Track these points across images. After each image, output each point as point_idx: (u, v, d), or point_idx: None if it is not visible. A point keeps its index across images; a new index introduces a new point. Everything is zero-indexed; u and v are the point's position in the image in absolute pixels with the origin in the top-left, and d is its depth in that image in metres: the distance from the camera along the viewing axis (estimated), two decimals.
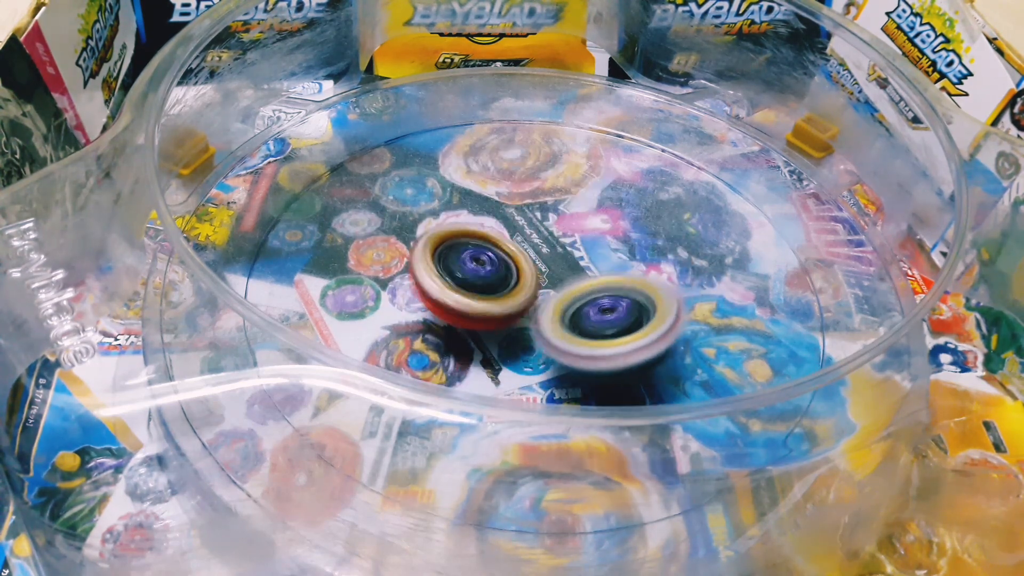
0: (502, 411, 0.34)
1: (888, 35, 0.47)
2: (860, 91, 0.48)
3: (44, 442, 0.35)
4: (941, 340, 0.42)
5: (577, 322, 0.37)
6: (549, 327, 0.36)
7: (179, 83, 0.39)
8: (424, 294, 0.37)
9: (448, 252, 0.38)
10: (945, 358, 0.41)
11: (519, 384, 0.38)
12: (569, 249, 0.44)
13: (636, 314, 0.36)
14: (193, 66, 0.40)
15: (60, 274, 0.33)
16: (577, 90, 0.53)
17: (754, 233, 0.45)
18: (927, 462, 0.36)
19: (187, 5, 0.49)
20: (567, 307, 0.38)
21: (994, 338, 0.41)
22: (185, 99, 0.44)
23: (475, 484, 0.35)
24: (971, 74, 0.43)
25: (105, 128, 0.45)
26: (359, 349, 0.39)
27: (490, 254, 0.39)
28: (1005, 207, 0.39)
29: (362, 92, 0.51)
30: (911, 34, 0.46)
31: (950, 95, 0.44)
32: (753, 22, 0.50)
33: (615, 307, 0.37)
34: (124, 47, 0.48)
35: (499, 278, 0.38)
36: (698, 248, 0.44)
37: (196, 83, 0.44)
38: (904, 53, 0.46)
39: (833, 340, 0.41)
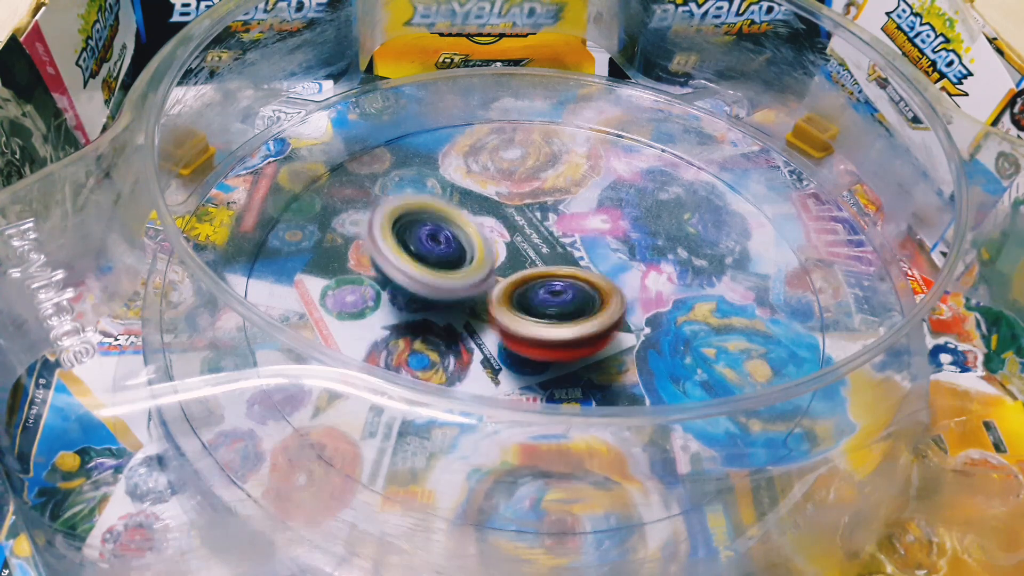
0: (502, 411, 0.34)
1: (888, 35, 0.47)
2: (860, 91, 0.48)
3: (44, 442, 0.35)
4: (941, 340, 0.42)
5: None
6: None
7: (179, 83, 0.39)
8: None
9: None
10: (945, 358, 0.41)
11: (519, 384, 0.38)
12: (569, 249, 0.44)
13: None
14: (193, 66, 0.40)
15: (60, 274, 0.33)
16: (577, 90, 0.53)
17: (754, 233, 0.45)
18: (927, 462, 0.36)
19: (187, 5, 0.49)
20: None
21: (994, 338, 0.41)
22: (185, 99, 0.44)
23: (475, 484, 0.35)
24: (971, 74, 0.43)
25: (105, 128, 0.45)
26: (359, 349, 0.39)
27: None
28: (1005, 207, 0.39)
29: (362, 92, 0.51)
30: (911, 34, 0.46)
31: (950, 95, 0.44)
32: (753, 22, 0.50)
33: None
34: (124, 47, 0.48)
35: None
36: (698, 248, 0.44)
37: (196, 83, 0.44)
38: (904, 53, 0.46)
39: (833, 340, 0.41)
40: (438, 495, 0.34)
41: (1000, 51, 0.42)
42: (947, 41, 0.44)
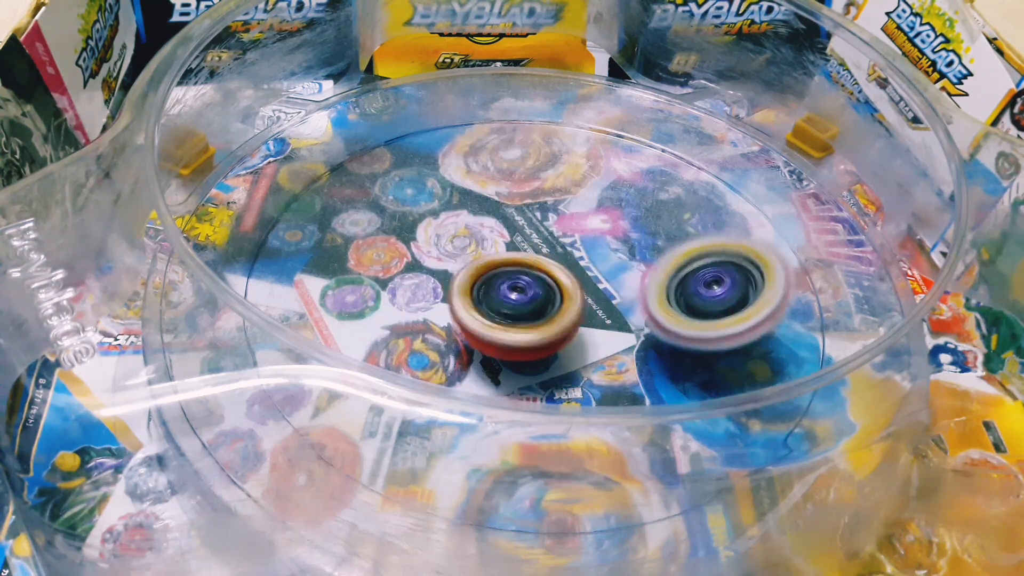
0: (502, 411, 0.34)
1: (888, 35, 0.47)
2: (860, 91, 0.48)
3: (44, 442, 0.35)
4: (941, 340, 0.42)
5: (685, 299, 0.37)
6: (658, 309, 0.37)
7: (179, 83, 0.39)
8: (470, 335, 0.37)
9: (486, 286, 0.38)
10: (945, 358, 0.41)
11: (519, 384, 0.38)
12: (569, 249, 0.44)
13: (744, 287, 0.37)
14: (193, 66, 0.40)
15: (60, 274, 0.33)
16: (577, 90, 0.53)
17: (754, 233, 0.45)
18: (927, 462, 0.36)
19: (187, 5, 0.49)
20: (671, 281, 0.38)
21: (994, 338, 0.41)
22: (185, 99, 0.44)
23: (475, 484, 0.35)
24: (971, 74, 0.43)
25: (105, 128, 0.45)
26: (359, 349, 0.39)
27: (526, 278, 0.38)
28: (1005, 207, 0.39)
29: (362, 92, 0.51)
30: (911, 34, 0.46)
31: (950, 95, 0.44)
32: (753, 22, 0.50)
33: (721, 279, 0.37)
34: (124, 47, 0.48)
35: (541, 302, 0.37)
36: None
37: (196, 83, 0.44)
38: (904, 53, 0.46)
39: (833, 340, 0.41)
40: (438, 495, 0.34)
41: (1000, 51, 0.42)
42: (947, 41, 0.44)
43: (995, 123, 0.42)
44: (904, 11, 0.47)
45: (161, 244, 0.41)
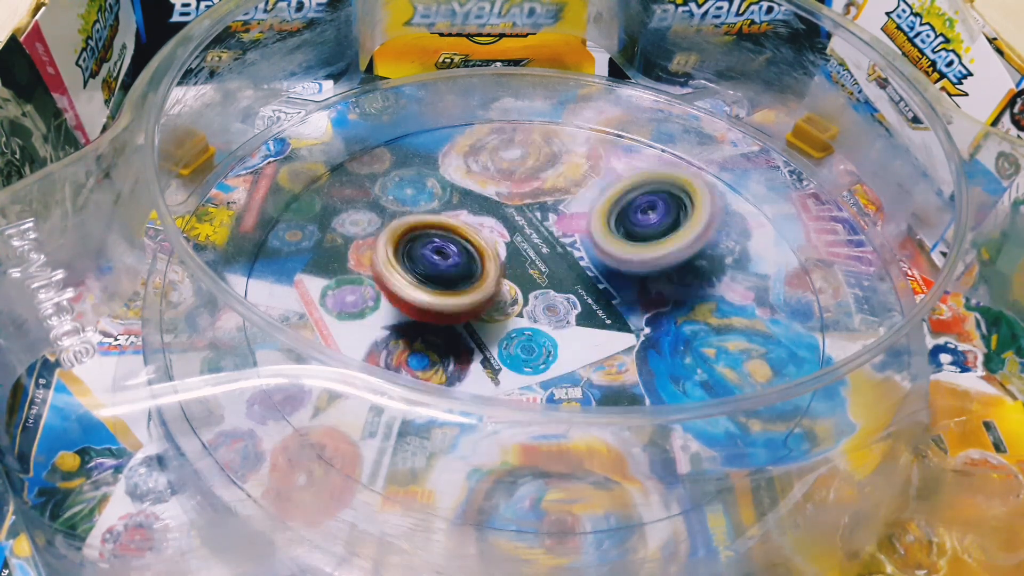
0: (502, 411, 0.34)
1: (888, 35, 0.47)
2: (860, 91, 0.48)
3: (44, 442, 0.35)
4: (941, 340, 0.42)
5: (624, 227, 0.41)
6: (601, 235, 0.41)
7: (179, 83, 0.39)
8: (389, 292, 0.37)
9: (412, 244, 0.38)
10: (945, 358, 0.41)
11: (519, 384, 0.38)
12: (569, 249, 0.44)
13: (675, 210, 0.40)
14: (193, 66, 0.40)
15: (60, 274, 0.33)
16: (577, 90, 0.53)
17: (754, 233, 0.45)
18: (927, 462, 0.36)
19: (187, 5, 0.49)
20: (611, 212, 0.41)
21: (994, 338, 0.41)
22: (185, 99, 0.44)
23: (475, 484, 0.35)
24: (971, 74, 0.43)
25: (105, 128, 0.45)
26: (359, 349, 0.39)
27: (453, 246, 0.39)
28: (1005, 207, 0.39)
29: (362, 92, 0.51)
30: (911, 34, 0.46)
31: (950, 95, 0.44)
32: (753, 22, 0.50)
33: (654, 205, 0.41)
34: (124, 47, 0.48)
35: (463, 270, 0.38)
36: None
37: (196, 83, 0.44)
38: (904, 53, 0.46)
39: (833, 340, 0.41)
40: (438, 495, 0.34)
41: (1000, 51, 0.42)
42: (947, 41, 0.44)
43: (995, 123, 0.42)
44: (904, 11, 0.47)
45: (161, 244, 0.41)
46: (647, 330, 0.40)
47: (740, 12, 0.50)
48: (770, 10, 0.50)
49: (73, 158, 0.35)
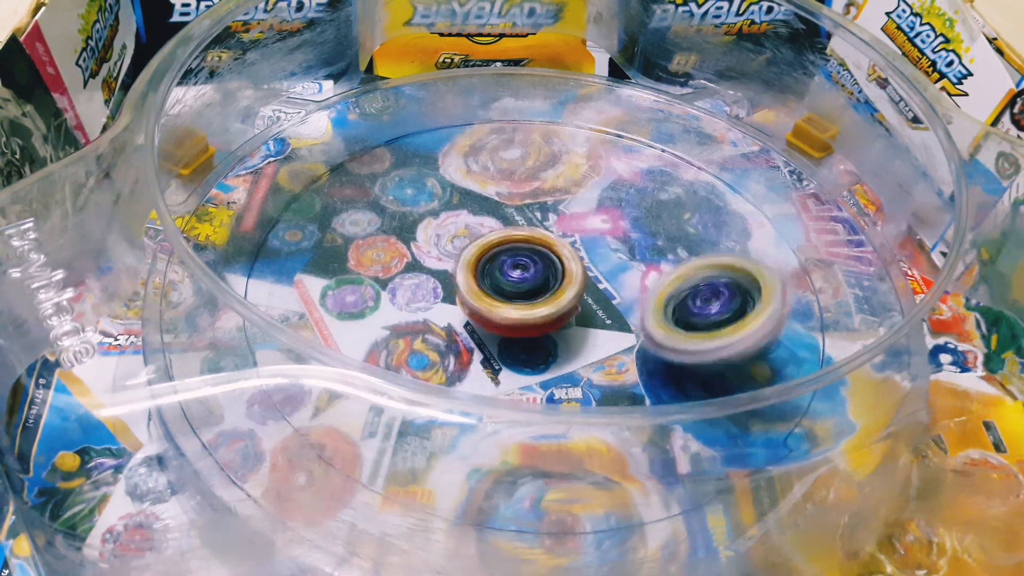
0: (502, 411, 0.34)
1: (888, 35, 0.47)
2: (860, 91, 0.48)
3: (44, 442, 0.35)
4: (941, 340, 0.42)
5: (681, 315, 0.37)
6: (654, 324, 0.37)
7: (179, 83, 0.39)
8: (473, 314, 0.38)
9: (489, 265, 0.39)
10: (945, 358, 0.41)
11: (519, 384, 0.38)
12: None
13: (740, 299, 0.37)
14: (193, 66, 0.40)
15: (60, 274, 0.33)
16: (577, 90, 0.53)
17: (754, 233, 0.45)
18: (927, 462, 0.36)
19: (187, 5, 0.49)
20: (668, 299, 0.38)
21: (994, 338, 0.41)
22: (185, 99, 0.44)
23: (475, 484, 0.35)
24: (971, 74, 0.43)
25: (105, 128, 0.45)
26: (359, 349, 0.39)
27: (526, 257, 0.39)
28: (1005, 207, 0.39)
29: (362, 92, 0.51)
30: (911, 34, 0.46)
31: (950, 95, 0.44)
32: (753, 22, 0.50)
33: (718, 294, 0.37)
34: (124, 47, 0.48)
35: (543, 279, 0.38)
36: (698, 248, 0.44)
37: (196, 83, 0.44)
38: (904, 53, 0.46)
39: (833, 340, 0.41)
40: (438, 495, 0.34)
41: (1000, 51, 0.42)
42: (947, 41, 0.44)
43: (995, 123, 0.42)
44: (904, 11, 0.47)
45: (161, 244, 0.41)
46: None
47: (740, 12, 0.50)
48: (770, 10, 0.50)
49: (73, 158, 0.35)
